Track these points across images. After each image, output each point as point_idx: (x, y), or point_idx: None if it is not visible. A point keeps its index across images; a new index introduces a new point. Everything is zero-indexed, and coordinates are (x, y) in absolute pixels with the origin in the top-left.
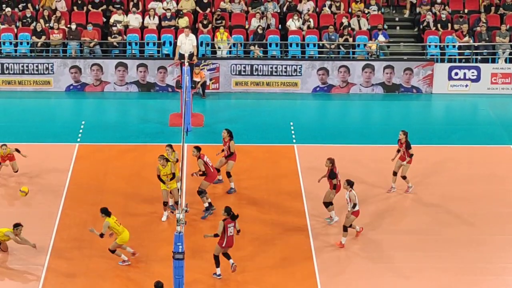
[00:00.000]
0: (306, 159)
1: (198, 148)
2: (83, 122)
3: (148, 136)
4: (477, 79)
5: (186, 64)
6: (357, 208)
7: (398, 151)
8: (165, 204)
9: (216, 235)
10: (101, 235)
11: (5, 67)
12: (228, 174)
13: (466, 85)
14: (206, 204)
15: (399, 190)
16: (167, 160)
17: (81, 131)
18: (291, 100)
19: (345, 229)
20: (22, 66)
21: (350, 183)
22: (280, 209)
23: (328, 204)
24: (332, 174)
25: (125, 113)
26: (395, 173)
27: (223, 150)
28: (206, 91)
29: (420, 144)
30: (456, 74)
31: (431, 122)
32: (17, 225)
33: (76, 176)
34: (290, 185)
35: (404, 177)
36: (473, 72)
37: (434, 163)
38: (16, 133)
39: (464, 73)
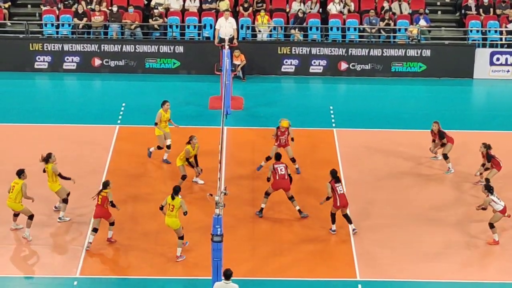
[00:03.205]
0: (345, 144)
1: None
2: (123, 104)
3: (188, 118)
4: None
5: (227, 47)
6: (499, 207)
7: None
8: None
9: (328, 198)
10: (185, 213)
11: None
12: (293, 159)
13: (508, 71)
14: (263, 206)
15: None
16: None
17: (121, 113)
18: (331, 84)
19: (491, 226)
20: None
21: (488, 188)
22: (319, 193)
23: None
24: (441, 134)
25: (165, 96)
26: None
27: (277, 135)
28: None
29: (460, 129)
30: (498, 59)
31: (471, 108)
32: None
33: (116, 157)
34: (329, 169)
35: None
36: None
37: (472, 148)
38: (57, 115)
39: (506, 59)
